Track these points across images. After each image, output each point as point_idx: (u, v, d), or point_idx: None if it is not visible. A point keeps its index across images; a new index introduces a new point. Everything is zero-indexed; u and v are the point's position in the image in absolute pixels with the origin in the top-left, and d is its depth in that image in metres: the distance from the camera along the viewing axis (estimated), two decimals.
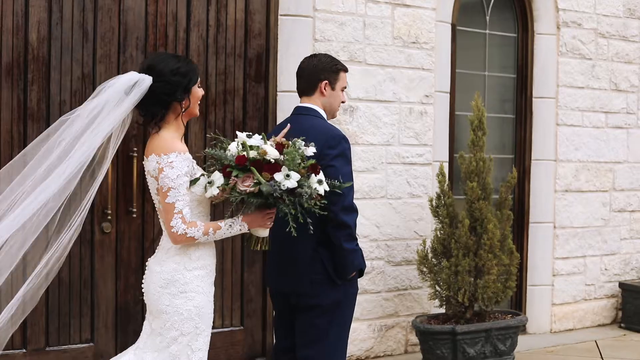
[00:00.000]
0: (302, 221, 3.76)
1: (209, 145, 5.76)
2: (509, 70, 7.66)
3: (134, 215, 5.62)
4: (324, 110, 4.54)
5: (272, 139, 3.89)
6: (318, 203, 3.83)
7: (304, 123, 4.40)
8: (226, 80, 5.95)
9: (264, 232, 3.93)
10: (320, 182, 3.80)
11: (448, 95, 7.03)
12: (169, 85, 3.74)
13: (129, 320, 5.62)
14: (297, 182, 3.69)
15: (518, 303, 7.63)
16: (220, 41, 5.92)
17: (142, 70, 3.80)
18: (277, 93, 6.15)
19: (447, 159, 7.02)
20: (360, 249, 4.37)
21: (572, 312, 7.83)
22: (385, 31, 6.60)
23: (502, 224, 6.48)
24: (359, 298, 6.28)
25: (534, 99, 7.63)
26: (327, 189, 3.85)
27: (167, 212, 3.67)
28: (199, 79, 3.88)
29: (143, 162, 3.86)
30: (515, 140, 7.68)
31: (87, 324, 5.50)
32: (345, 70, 4.62)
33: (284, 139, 3.89)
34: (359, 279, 4.57)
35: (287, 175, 3.67)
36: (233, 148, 3.74)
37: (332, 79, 4.53)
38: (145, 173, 3.82)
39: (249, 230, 3.83)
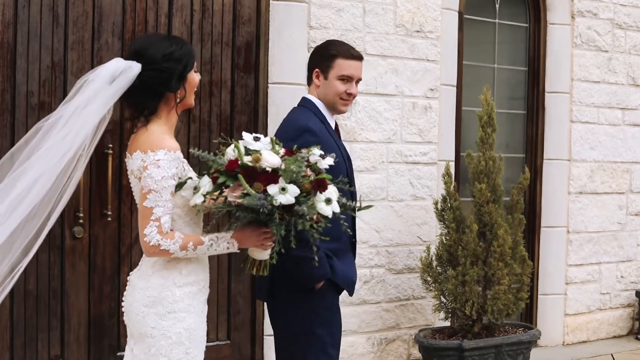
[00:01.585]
0: (293, 246, 3.38)
1: (192, 144, 5.54)
2: (519, 62, 7.62)
3: (109, 219, 5.40)
4: (322, 102, 4.28)
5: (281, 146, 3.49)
6: (316, 226, 3.40)
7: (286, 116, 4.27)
8: (212, 70, 5.79)
9: (262, 255, 3.53)
10: (328, 201, 3.35)
11: (454, 88, 6.95)
12: (161, 73, 3.39)
13: (104, 334, 5.43)
14: (296, 198, 3.26)
15: (529, 313, 7.55)
16: (206, 27, 5.77)
17: (129, 56, 3.43)
18: (268, 85, 6.01)
19: (454, 158, 6.96)
20: (319, 256, 3.74)
21: (586, 323, 7.77)
22: (386, 18, 6.48)
23: (514, 229, 6.41)
24: (357, 309, 6.33)
25: (546, 94, 7.57)
26: (337, 210, 3.40)
27: (143, 217, 3.33)
28: (195, 62, 3.52)
29: (125, 160, 3.52)
30: (526, 138, 7.63)
31: (56, 339, 5.30)
32: (346, 56, 4.25)
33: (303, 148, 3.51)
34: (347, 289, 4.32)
35: (283, 189, 3.25)
36: (230, 151, 3.38)
37: (323, 67, 4.25)
38: (128, 173, 3.48)
39: (239, 249, 3.48)
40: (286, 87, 5.91)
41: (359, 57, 4.27)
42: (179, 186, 3.36)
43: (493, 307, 6.16)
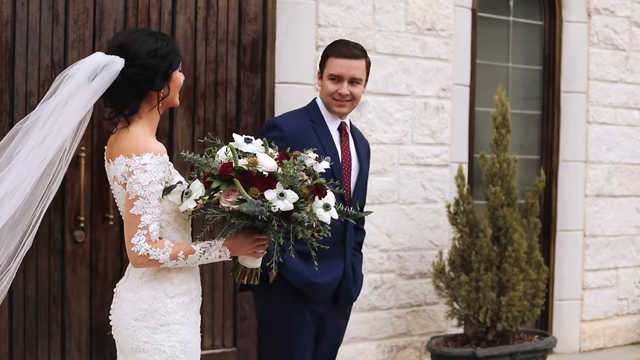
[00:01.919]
0: (293, 255, 3.31)
1: (197, 146, 5.56)
2: (534, 61, 7.60)
3: (111, 223, 5.37)
4: (323, 103, 4.30)
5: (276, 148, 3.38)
6: (317, 235, 3.30)
7: None
8: (217, 70, 5.76)
9: (254, 263, 3.42)
10: (326, 207, 3.25)
11: (467, 88, 6.94)
12: (145, 70, 3.24)
13: (106, 341, 5.35)
14: (294, 204, 3.14)
15: (544, 319, 7.52)
16: (211, 25, 5.74)
17: (112, 50, 3.28)
18: (275, 85, 5.99)
19: (467, 160, 6.96)
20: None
21: (603, 329, 7.74)
22: (397, 16, 6.46)
23: (529, 234, 6.42)
24: (367, 315, 6.33)
25: (562, 94, 7.54)
26: (336, 216, 3.31)
27: (130, 225, 3.18)
28: (181, 62, 3.41)
29: (105, 167, 3.38)
30: (541, 139, 7.61)
31: (57, 346, 5.27)
32: (337, 55, 4.20)
33: (297, 151, 3.38)
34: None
35: (282, 195, 3.12)
36: (222, 154, 3.24)
37: (320, 67, 4.27)
38: (110, 180, 3.33)
39: (231, 257, 3.36)
40: (293, 86, 5.89)
41: (349, 55, 4.18)
42: (167, 190, 3.23)
43: (508, 314, 6.16)
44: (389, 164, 6.44)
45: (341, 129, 4.24)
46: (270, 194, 3.10)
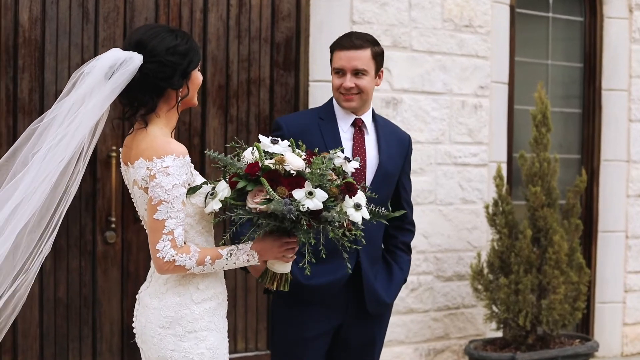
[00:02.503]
0: (323, 256, 3.18)
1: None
2: (574, 58, 7.53)
3: (143, 223, 5.21)
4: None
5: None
6: (348, 234, 3.19)
7: None
8: (250, 68, 5.78)
9: (283, 267, 3.32)
10: (357, 206, 3.15)
11: (506, 86, 6.93)
12: (163, 67, 3.15)
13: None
14: (324, 203, 3.05)
15: (585, 322, 7.47)
16: (244, 23, 5.76)
17: (129, 46, 3.19)
18: (309, 83, 6.02)
19: (506, 160, 6.93)
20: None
21: None
22: (434, 12, 6.45)
23: (570, 235, 6.41)
24: (403, 318, 6.34)
25: (603, 92, 7.48)
26: (367, 216, 3.21)
27: (154, 231, 3.10)
28: (200, 61, 3.33)
29: (122, 171, 3.30)
30: (581, 138, 7.56)
31: (88, 349, 5.32)
32: (338, 47, 4.04)
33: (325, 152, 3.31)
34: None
35: (310, 193, 3.03)
36: (248, 154, 3.17)
37: (330, 63, 4.11)
38: (129, 185, 3.25)
39: (259, 262, 3.26)
40: (328, 85, 5.75)
41: (350, 46, 4.00)
42: (192, 190, 3.15)
43: (548, 318, 6.14)
44: (426, 164, 6.42)
45: (356, 124, 4.08)
46: (298, 193, 3.02)
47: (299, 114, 4.20)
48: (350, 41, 3.98)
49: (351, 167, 3.25)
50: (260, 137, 3.20)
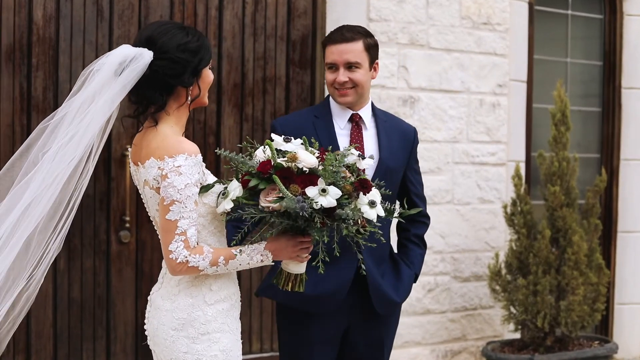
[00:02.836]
0: (337, 254, 3.12)
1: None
2: (594, 56, 7.54)
3: (154, 224, 5.26)
4: None
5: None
6: (362, 231, 3.13)
7: None
8: (266, 66, 5.78)
9: (298, 268, 3.27)
10: (372, 204, 3.09)
11: (525, 84, 6.93)
12: (173, 64, 3.11)
13: None
14: (338, 200, 3.00)
15: (604, 324, 7.44)
16: (259, 21, 5.76)
17: (139, 43, 3.16)
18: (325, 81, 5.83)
19: (524, 159, 6.94)
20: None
21: None
22: (451, 10, 6.43)
23: (589, 236, 6.39)
24: (420, 319, 6.29)
25: (623, 90, 7.46)
26: (382, 213, 3.14)
27: (167, 231, 3.06)
28: (211, 59, 3.29)
29: (132, 172, 3.27)
30: (601, 137, 7.55)
31: (102, 349, 5.32)
32: (328, 42, 3.91)
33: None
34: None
35: (324, 191, 2.99)
36: (260, 153, 3.13)
37: (323, 58, 4.01)
38: (139, 184, 3.22)
39: (274, 261, 3.21)
40: None
41: (340, 39, 3.89)
42: (205, 189, 3.11)
43: (567, 319, 6.12)
44: (443, 163, 6.40)
45: (353, 120, 3.95)
46: (311, 191, 2.98)
47: (294, 114, 4.09)
48: (341, 34, 3.87)
49: (365, 164, 3.19)
50: (273, 135, 3.16)
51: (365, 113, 3.94)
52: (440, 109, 6.40)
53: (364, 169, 3.25)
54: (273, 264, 3.20)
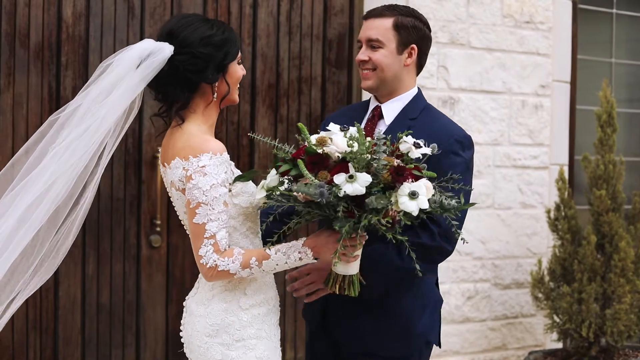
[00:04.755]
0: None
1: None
2: (639, 57, 7.55)
3: (185, 227, 5.29)
4: None
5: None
6: (383, 222, 2.80)
7: None
8: (301, 65, 5.76)
9: (346, 269, 3.04)
10: (412, 194, 2.78)
11: (568, 85, 6.89)
12: (195, 59, 3.01)
13: (182, 351, 5.22)
14: (367, 188, 2.76)
15: None
16: (295, 19, 5.74)
17: (161, 37, 3.08)
18: None
19: (568, 162, 6.91)
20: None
21: None
22: (493, 8, 6.41)
23: (637, 241, 6.26)
24: (459, 327, 6.28)
25: None
26: (425, 206, 2.81)
27: (196, 236, 2.98)
28: (240, 53, 3.16)
29: (161, 172, 3.18)
30: None
31: (131, 357, 5.29)
32: (365, 17, 3.53)
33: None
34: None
35: (351, 177, 2.77)
36: (313, 140, 2.98)
37: None
38: (167, 186, 3.14)
39: (315, 259, 3.04)
40: None
41: (371, 14, 3.46)
42: (241, 178, 3.00)
43: (613, 328, 6.03)
44: (484, 166, 6.38)
45: (374, 113, 3.54)
46: (339, 178, 2.78)
47: (348, 107, 3.85)
48: (376, 9, 3.48)
49: (418, 152, 2.95)
50: (331, 125, 2.99)
51: (390, 109, 3.47)
52: (481, 110, 6.38)
53: (418, 158, 2.95)
54: (315, 262, 3.05)
